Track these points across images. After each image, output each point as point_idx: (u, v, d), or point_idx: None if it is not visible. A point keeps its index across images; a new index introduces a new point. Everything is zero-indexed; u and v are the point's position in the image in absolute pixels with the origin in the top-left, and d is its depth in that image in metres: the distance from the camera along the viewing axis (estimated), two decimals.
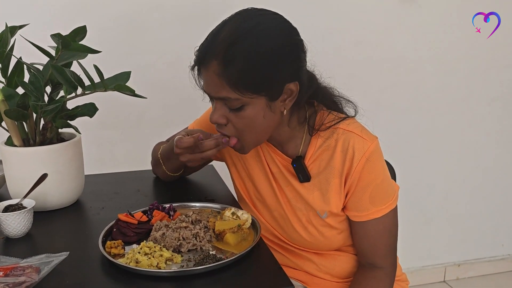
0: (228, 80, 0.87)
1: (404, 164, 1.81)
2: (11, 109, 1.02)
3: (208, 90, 0.94)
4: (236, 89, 0.88)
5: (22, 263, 0.82)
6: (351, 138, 0.98)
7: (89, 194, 1.19)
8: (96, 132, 1.61)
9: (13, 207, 0.99)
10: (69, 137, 1.14)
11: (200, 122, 1.21)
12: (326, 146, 1.01)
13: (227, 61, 0.87)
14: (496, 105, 2.11)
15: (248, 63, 0.87)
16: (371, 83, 1.92)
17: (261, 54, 0.87)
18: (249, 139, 0.96)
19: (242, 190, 1.14)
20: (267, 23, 0.90)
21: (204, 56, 0.91)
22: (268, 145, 1.07)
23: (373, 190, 1.00)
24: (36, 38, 1.06)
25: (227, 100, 0.91)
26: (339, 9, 1.76)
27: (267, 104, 0.91)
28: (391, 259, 1.08)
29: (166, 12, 1.63)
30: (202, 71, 0.93)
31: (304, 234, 1.06)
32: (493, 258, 2.35)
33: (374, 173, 0.99)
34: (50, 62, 1.05)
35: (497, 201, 2.26)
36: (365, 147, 0.97)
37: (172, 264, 0.86)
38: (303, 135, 1.03)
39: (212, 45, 0.89)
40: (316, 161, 1.02)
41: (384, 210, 1.02)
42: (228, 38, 0.87)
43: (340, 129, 1.00)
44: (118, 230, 0.96)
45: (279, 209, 1.08)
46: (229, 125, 0.95)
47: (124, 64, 1.23)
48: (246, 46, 0.87)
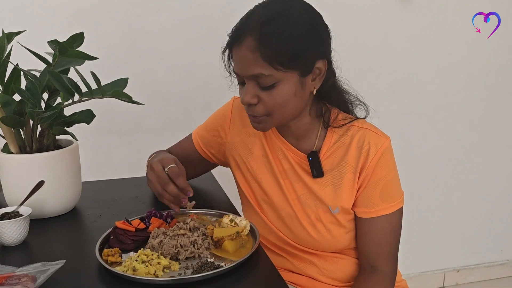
0: (263, 54, 0.91)
1: (404, 169, 1.80)
2: (7, 116, 1.02)
3: (241, 68, 0.95)
4: (270, 64, 0.91)
5: (18, 271, 0.82)
6: (366, 134, 1.03)
7: (86, 201, 1.19)
8: (93, 138, 1.61)
9: (9, 215, 0.98)
10: (66, 144, 1.13)
11: (205, 126, 1.22)
12: (341, 142, 1.05)
13: (262, 37, 0.91)
14: (496, 109, 2.12)
15: (282, 38, 0.91)
16: (371, 87, 1.91)
17: (295, 30, 0.93)
18: (277, 117, 0.98)
19: (248, 193, 1.15)
20: (298, 5, 0.97)
21: (239, 34, 0.94)
22: (281, 142, 1.09)
23: (384, 186, 1.03)
24: (33, 45, 1.05)
25: (260, 77, 0.93)
26: (338, 14, 1.75)
27: (299, 80, 0.95)
28: (392, 262, 1.08)
29: (163, 18, 1.63)
30: (236, 50, 0.96)
31: (312, 232, 1.07)
32: (492, 263, 2.35)
33: (387, 169, 1.03)
34: (47, 68, 1.04)
35: (496, 206, 2.26)
36: (380, 143, 1.02)
37: (170, 272, 0.85)
38: (319, 129, 1.07)
39: (247, 24, 0.94)
40: (330, 157, 1.05)
41: (392, 208, 1.04)
42: (263, 17, 0.92)
43: (355, 126, 1.05)
44: (115, 238, 0.95)
45: (286, 208, 1.09)
46: (259, 105, 0.97)
47: (122, 70, 1.23)
48: (280, 23, 0.92)
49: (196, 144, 1.22)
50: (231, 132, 1.16)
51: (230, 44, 0.97)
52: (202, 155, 1.22)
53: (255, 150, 1.12)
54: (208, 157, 1.22)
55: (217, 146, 1.19)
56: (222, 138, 1.17)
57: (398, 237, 1.08)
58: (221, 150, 1.19)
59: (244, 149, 1.13)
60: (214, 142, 1.19)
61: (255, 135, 1.12)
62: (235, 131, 1.15)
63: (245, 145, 1.13)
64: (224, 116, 1.17)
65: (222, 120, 1.17)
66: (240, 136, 1.14)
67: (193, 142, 1.22)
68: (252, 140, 1.13)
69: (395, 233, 1.07)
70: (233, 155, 1.15)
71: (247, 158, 1.13)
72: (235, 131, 1.15)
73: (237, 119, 1.15)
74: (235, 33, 0.96)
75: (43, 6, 1.53)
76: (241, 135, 1.14)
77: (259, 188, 1.12)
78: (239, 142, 1.14)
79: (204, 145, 1.21)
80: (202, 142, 1.21)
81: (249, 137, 1.13)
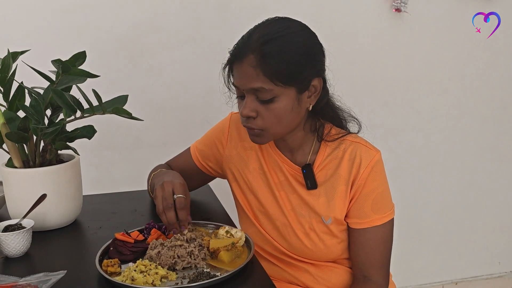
0: (263, 70, 0.97)
1: (399, 183, 1.83)
2: (12, 132, 1.06)
3: (241, 82, 1.00)
4: (270, 79, 0.97)
5: (21, 281, 0.85)
6: (358, 148, 1.08)
7: (87, 214, 1.22)
8: (94, 153, 1.64)
9: (12, 227, 1.01)
10: (68, 158, 1.17)
11: (203, 140, 1.26)
12: (334, 155, 1.09)
13: (262, 55, 0.97)
14: (488, 123, 2.14)
15: (281, 57, 0.97)
16: (365, 102, 1.96)
17: (293, 50, 0.99)
18: (274, 131, 1.03)
19: (244, 204, 1.18)
20: (295, 26, 1.02)
21: (240, 51, 1.00)
22: (277, 155, 1.13)
23: (375, 198, 1.07)
24: (37, 63, 1.09)
25: (260, 91, 0.98)
26: (331, 30, 1.81)
27: (296, 96, 1.01)
28: (385, 273, 1.11)
29: (161, 37, 1.67)
30: (237, 66, 1.01)
31: (305, 241, 1.10)
32: (490, 276, 2.35)
33: (378, 181, 1.07)
34: (50, 86, 1.08)
35: (493, 218, 2.27)
36: (371, 156, 1.07)
37: (167, 282, 0.88)
38: (313, 143, 1.11)
39: (248, 42, 0.99)
40: (324, 170, 1.09)
41: (384, 219, 1.08)
42: (264, 37, 0.98)
43: (347, 140, 1.09)
44: (115, 249, 0.98)
45: (281, 218, 1.12)
46: (258, 118, 1.01)
47: (122, 87, 1.27)
48: (279, 43, 0.98)
49: (194, 157, 1.25)
50: (228, 145, 1.20)
51: (232, 60, 1.02)
52: (200, 168, 1.26)
53: (252, 163, 1.16)
54: (206, 170, 1.26)
55: (215, 160, 1.23)
56: (220, 151, 1.21)
57: (390, 247, 1.11)
58: (218, 163, 1.22)
59: (241, 162, 1.17)
60: (212, 155, 1.23)
61: (252, 149, 1.16)
62: (232, 144, 1.19)
63: (242, 158, 1.17)
64: (222, 130, 1.22)
65: (220, 134, 1.22)
66: (237, 150, 1.18)
67: (192, 156, 1.26)
68: (248, 153, 1.17)
69: (387, 243, 1.10)
70: (230, 168, 1.19)
71: (244, 170, 1.16)
72: (232, 144, 1.19)
73: (234, 133, 1.19)
74: (237, 50, 1.01)
75: (46, 27, 1.57)
76: (238, 149, 1.18)
77: (255, 199, 1.15)
78: (236, 155, 1.18)
79: (202, 158, 1.24)
80: (200, 155, 1.25)
81: (246, 151, 1.17)
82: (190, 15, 1.69)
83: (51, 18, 1.57)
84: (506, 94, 2.13)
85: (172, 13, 1.67)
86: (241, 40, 1.02)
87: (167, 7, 1.66)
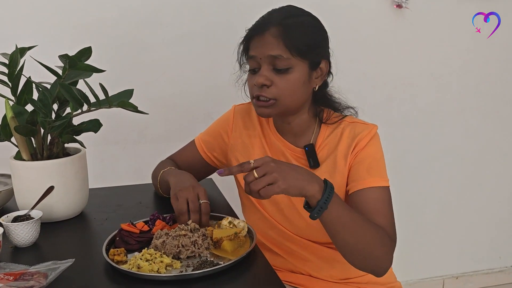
0: (284, 40, 1.03)
1: (400, 177, 1.85)
2: (20, 125, 1.08)
3: (261, 50, 1.05)
4: (289, 49, 1.03)
5: (30, 269, 0.87)
6: (356, 126, 1.14)
7: (93, 206, 1.24)
8: (100, 147, 1.66)
9: (21, 218, 1.04)
10: (74, 151, 1.19)
11: (208, 131, 1.30)
12: (334, 135, 1.15)
13: (285, 27, 1.04)
14: (489, 119, 2.15)
15: (302, 30, 1.06)
16: (367, 98, 1.97)
17: (311, 27, 1.08)
18: (285, 102, 1.07)
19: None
20: (307, 12, 1.11)
21: (262, 25, 1.06)
22: (280, 141, 1.18)
23: (371, 162, 1.10)
24: (44, 59, 1.12)
25: (278, 59, 1.04)
26: (333, 26, 1.81)
27: (308, 72, 1.07)
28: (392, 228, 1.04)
29: (166, 32, 1.70)
30: (257, 38, 1.06)
31: (309, 220, 1.09)
32: (491, 270, 2.37)
33: (374, 148, 1.12)
34: (57, 81, 1.11)
35: (494, 213, 2.29)
36: (368, 129, 1.12)
37: (172, 270, 0.90)
38: (314, 126, 1.17)
39: (269, 18, 1.07)
40: (325, 149, 1.15)
41: (379, 182, 1.07)
42: (284, 14, 1.07)
43: (345, 121, 1.16)
44: (121, 239, 1.01)
45: (285, 200, 1.15)
46: (272, 87, 1.05)
47: (126, 81, 1.30)
48: (299, 20, 1.07)
49: (199, 148, 1.29)
50: (233, 134, 1.24)
51: (251, 34, 1.08)
52: (205, 159, 1.29)
53: (256, 150, 1.21)
54: (211, 161, 1.29)
55: (220, 150, 1.27)
56: (225, 141, 1.26)
57: (391, 210, 1.07)
58: (223, 152, 1.27)
59: (246, 149, 1.22)
60: (217, 145, 1.27)
61: (256, 136, 1.21)
62: (237, 133, 1.24)
63: (246, 146, 1.22)
64: (227, 121, 1.26)
65: (225, 124, 1.26)
66: (241, 138, 1.23)
67: (197, 147, 1.30)
68: (253, 141, 1.22)
69: (387, 206, 1.06)
70: (236, 155, 1.23)
71: (249, 157, 1.20)
72: (237, 133, 1.24)
73: (239, 122, 1.24)
74: (258, 25, 1.08)
75: (53, 23, 1.60)
76: (242, 137, 1.23)
77: None
78: (241, 144, 1.23)
79: (208, 149, 1.28)
80: (205, 146, 1.29)
81: (250, 138, 1.22)
82: (194, 11, 1.71)
83: (57, 15, 1.60)
84: (507, 90, 2.14)
85: (176, 8, 1.69)
86: (261, 18, 1.09)
87: (172, 2, 1.68)
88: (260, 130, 1.22)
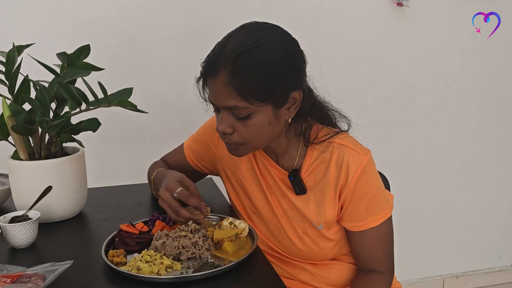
0: (236, 88, 0.91)
1: (400, 178, 1.84)
2: (18, 125, 1.07)
3: (215, 100, 0.97)
4: (244, 97, 0.92)
5: (28, 271, 0.86)
6: (345, 152, 1.02)
7: (92, 206, 1.23)
8: (98, 146, 1.65)
9: (19, 218, 1.03)
10: (73, 151, 1.18)
11: (195, 139, 1.24)
12: (321, 159, 1.05)
13: (235, 71, 0.91)
14: (489, 119, 2.15)
15: (255, 73, 0.91)
16: (366, 98, 1.96)
17: (268, 64, 0.92)
18: (252, 145, 1.00)
19: (237, 204, 1.17)
20: (271, 36, 0.95)
21: (211, 67, 0.94)
22: (264, 158, 1.11)
23: (369, 201, 1.03)
24: (42, 57, 1.10)
25: (234, 109, 0.94)
26: (333, 26, 1.81)
27: (273, 112, 0.96)
28: (388, 264, 1.10)
29: (165, 31, 1.68)
30: (209, 82, 0.96)
31: (299, 245, 1.09)
32: (491, 269, 2.37)
33: (369, 184, 1.03)
34: (55, 79, 1.09)
35: (494, 212, 2.29)
36: (359, 161, 1.01)
37: (172, 271, 0.89)
38: (299, 147, 1.07)
39: (220, 56, 0.93)
40: (312, 174, 1.06)
41: (380, 219, 1.05)
42: (236, 50, 0.91)
43: (334, 143, 1.04)
44: (120, 240, 0.99)
45: (274, 221, 1.11)
46: (235, 134, 0.97)
47: (126, 80, 1.28)
48: (253, 56, 0.91)
49: (188, 157, 1.24)
50: (220, 145, 1.16)
51: (204, 75, 0.97)
52: (194, 167, 1.24)
53: (243, 164, 1.14)
54: (200, 169, 1.25)
55: (208, 159, 1.21)
56: (213, 151, 1.19)
57: (391, 242, 1.10)
58: (212, 162, 1.21)
59: (233, 163, 1.15)
60: (206, 155, 1.21)
61: None
62: (224, 144, 1.14)
63: (234, 159, 1.14)
64: (213, 129, 1.15)
65: (211, 133, 1.18)
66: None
67: (185, 156, 1.24)
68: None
69: (387, 240, 1.09)
70: (224, 167, 1.18)
71: (236, 171, 1.15)
72: (224, 144, 1.11)
73: None
74: (209, 64, 0.95)
75: (51, 20, 1.58)
76: None
77: (248, 200, 1.14)
78: (228, 156, 1.13)
79: (196, 158, 1.23)
80: (193, 155, 1.23)
81: None
82: (193, 9, 1.69)
83: (56, 13, 1.58)
84: (506, 90, 2.13)
85: (175, 7, 1.68)
86: (213, 53, 0.96)
87: (170, 2, 1.67)
88: None
